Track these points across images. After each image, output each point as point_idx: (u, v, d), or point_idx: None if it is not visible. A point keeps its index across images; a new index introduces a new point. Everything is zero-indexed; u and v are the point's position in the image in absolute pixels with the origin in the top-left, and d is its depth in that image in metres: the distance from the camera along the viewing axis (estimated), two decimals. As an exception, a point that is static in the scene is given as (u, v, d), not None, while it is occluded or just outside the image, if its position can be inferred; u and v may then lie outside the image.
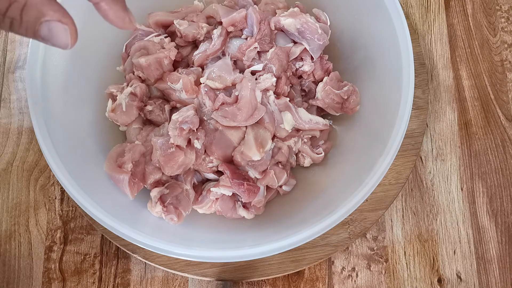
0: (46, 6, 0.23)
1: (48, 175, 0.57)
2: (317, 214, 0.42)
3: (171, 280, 0.53)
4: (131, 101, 0.49)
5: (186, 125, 0.45)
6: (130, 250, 0.51)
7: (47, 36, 0.24)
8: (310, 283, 0.53)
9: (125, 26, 0.28)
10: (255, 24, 0.48)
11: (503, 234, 0.55)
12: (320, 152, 0.50)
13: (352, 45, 0.53)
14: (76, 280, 0.53)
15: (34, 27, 0.24)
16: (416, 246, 0.54)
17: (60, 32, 0.24)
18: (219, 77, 0.47)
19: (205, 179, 0.50)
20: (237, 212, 0.48)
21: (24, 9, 0.23)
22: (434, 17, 0.63)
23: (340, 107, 0.51)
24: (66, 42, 0.24)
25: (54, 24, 0.24)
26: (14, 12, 0.23)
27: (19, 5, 0.23)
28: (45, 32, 0.24)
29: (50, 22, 0.23)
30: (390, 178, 0.54)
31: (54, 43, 0.24)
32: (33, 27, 0.24)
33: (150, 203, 0.46)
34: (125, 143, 0.48)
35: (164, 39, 0.51)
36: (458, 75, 0.61)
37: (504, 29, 0.62)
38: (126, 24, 0.28)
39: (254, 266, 0.51)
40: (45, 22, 0.23)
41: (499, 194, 0.56)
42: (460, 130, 0.59)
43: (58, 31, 0.24)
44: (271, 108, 0.48)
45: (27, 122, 0.59)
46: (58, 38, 0.24)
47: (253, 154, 0.45)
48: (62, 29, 0.24)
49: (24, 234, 0.55)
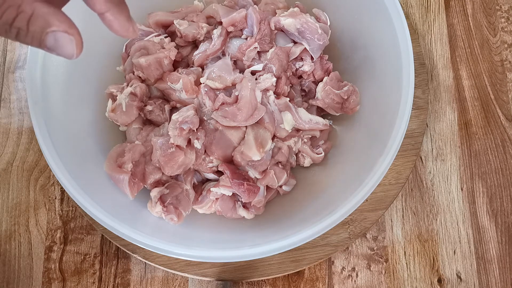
0: (52, 16, 0.24)
1: (48, 175, 0.57)
2: (317, 214, 0.42)
3: (171, 280, 0.53)
4: (131, 101, 0.49)
5: (186, 125, 0.45)
6: (130, 250, 0.51)
7: (53, 46, 0.24)
8: (310, 283, 0.53)
9: (129, 35, 0.28)
10: (255, 24, 0.48)
11: (503, 234, 0.55)
12: (320, 152, 0.50)
13: (352, 45, 0.53)
14: (76, 280, 0.53)
15: (40, 37, 0.24)
16: (416, 246, 0.54)
17: (66, 42, 0.24)
18: (219, 77, 0.47)
19: (205, 179, 0.50)
20: (237, 212, 0.48)
21: (31, 20, 0.23)
22: (434, 17, 0.63)
23: (340, 107, 0.51)
24: (72, 52, 0.25)
25: (60, 34, 0.24)
26: (20, 23, 0.23)
27: (26, 16, 0.23)
28: (51, 42, 0.24)
29: (56, 33, 0.24)
30: (390, 178, 0.54)
31: (59, 53, 0.25)
32: (39, 37, 0.24)
33: (150, 203, 0.46)
34: (125, 143, 0.48)
35: (164, 39, 0.51)
36: (458, 75, 0.61)
37: (504, 29, 0.62)
38: (130, 34, 0.28)
39: (254, 266, 0.51)
40: (51, 33, 0.24)
41: (499, 194, 0.56)
42: (460, 130, 0.59)
43: (64, 41, 0.24)
44: (271, 108, 0.48)
45: (27, 122, 0.59)
46: (64, 48, 0.24)
47: (253, 154, 0.45)
48: (68, 40, 0.24)
49: (24, 234, 0.55)
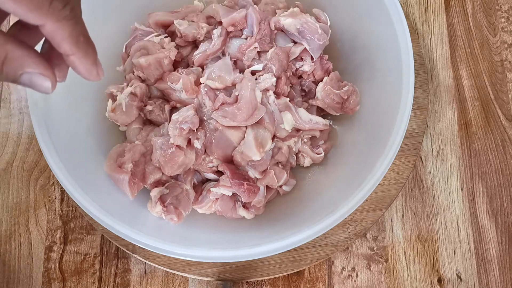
0: (26, 59, 0.24)
1: (48, 175, 0.57)
2: (317, 214, 0.42)
3: (171, 280, 0.53)
4: (131, 101, 0.49)
5: (186, 125, 0.45)
6: (130, 250, 0.51)
7: (28, 84, 0.25)
8: (310, 283, 0.53)
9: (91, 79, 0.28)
10: (255, 24, 0.48)
11: (503, 234, 0.55)
12: (320, 152, 0.50)
13: (352, 45, 0.53)
14: (76, 280, 0.53)
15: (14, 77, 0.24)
16: (416, 246, 0.54)
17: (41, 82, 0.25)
18: (219, 77, 0.47)
19: (205, 179, 0.50)
20: (237, 212, 0.48)
21: (5, 63, 0.24)
22: (434, 17, 0.63)
23: (340, 107, 0.51)
24: (47, 90, 0.26)
25: (35, 76, 0.25)
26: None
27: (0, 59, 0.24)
28: (26, 82, 0.25)
29: (31, 74, 0.25)
30: (390, 178, 0.54)
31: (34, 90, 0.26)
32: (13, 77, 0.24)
33: (150, 203, 0.46)
34: (125, 143, 0.48)
35: (164, 39, 0.51)
36: (458, 75, 0.61)
37: (504, 29, 0.62)
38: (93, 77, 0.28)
39: (254, 266, 0.51)
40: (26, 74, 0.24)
41: (499, 194, 0.56)
42: (460, 130, 0.59)
43: (38, 81, 0.25)
44: (271, 108, 0.48)
45: (27, 122, 0.59)
46: (39, 87, 0.25)
47: (253, 154, 0.45)
48: (43, 79, 0.25)
49: (24, 234, 0.55)
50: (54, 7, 0.23)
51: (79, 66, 0.27)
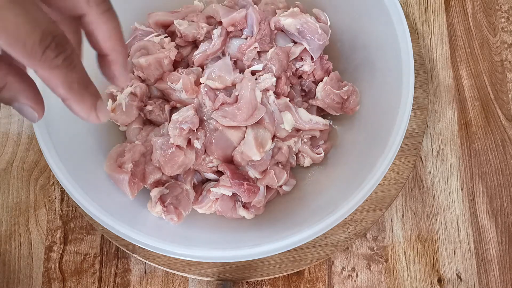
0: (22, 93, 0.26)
1: (48, 175, 0.57)
2: (317, 214, 0.42)
3: (171, 280, 0.53)
4: (131, 101, 0.49)
5: (186, 125, 0.45)
6: (130, 250, 0.51)
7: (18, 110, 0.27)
8: (310, 283, 0.53)
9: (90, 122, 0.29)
10: (255, 24, 0.48)
11: (503, 234, 0.55)
12: (320, 152, 0.50)
13: (352, 45, 0.53)
14: (76, 280, 0.53)
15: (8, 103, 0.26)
16: (416, 246, 0.54)
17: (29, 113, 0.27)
18: (219, 77, 0.47)
19: (205, 179, 0.50)
20: (237, 212, 0.48)
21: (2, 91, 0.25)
22: (434, 17, 0.63)
23: (340, 107, 0.51)
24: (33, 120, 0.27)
25: (25, 106, 0.26)
26: None
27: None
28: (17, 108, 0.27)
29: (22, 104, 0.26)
30: (390, 178, 0.54)
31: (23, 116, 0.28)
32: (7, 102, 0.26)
33: (150, 203, 0.46)
34: (125, 143, 0.48)
35: (164, 39, 0.51)
36: (458, 75, 0.61)
37: (504, 29, 0.62)
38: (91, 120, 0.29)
39: (254, 266, 0.51)
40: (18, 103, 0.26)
41: (499, 194, 0.56)
42: (460, 130, 0.59)
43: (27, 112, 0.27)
44: (271, 108, 0.48)
45: (27, 122, 0.59)
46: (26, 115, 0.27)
47: (253, 154, 0.45)
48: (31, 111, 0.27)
49: (24, 234, 0.55)
50: (46, 56, 0.23)
51: (75, 110, 0.27)
